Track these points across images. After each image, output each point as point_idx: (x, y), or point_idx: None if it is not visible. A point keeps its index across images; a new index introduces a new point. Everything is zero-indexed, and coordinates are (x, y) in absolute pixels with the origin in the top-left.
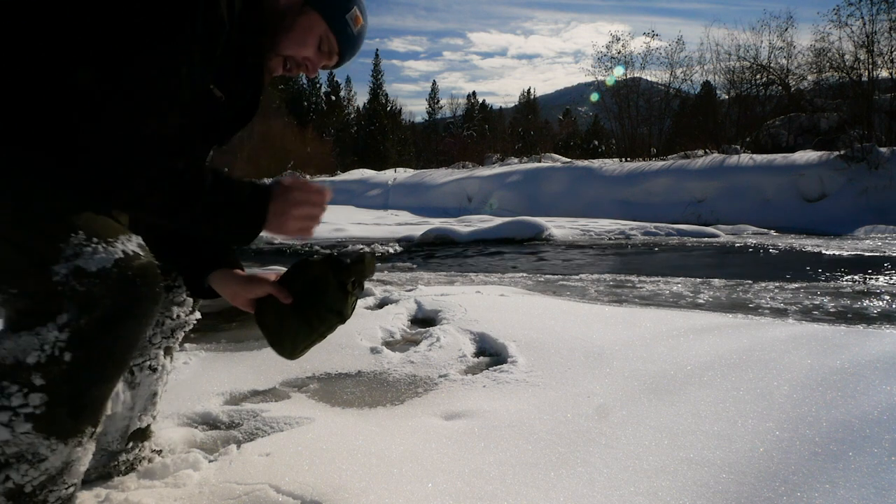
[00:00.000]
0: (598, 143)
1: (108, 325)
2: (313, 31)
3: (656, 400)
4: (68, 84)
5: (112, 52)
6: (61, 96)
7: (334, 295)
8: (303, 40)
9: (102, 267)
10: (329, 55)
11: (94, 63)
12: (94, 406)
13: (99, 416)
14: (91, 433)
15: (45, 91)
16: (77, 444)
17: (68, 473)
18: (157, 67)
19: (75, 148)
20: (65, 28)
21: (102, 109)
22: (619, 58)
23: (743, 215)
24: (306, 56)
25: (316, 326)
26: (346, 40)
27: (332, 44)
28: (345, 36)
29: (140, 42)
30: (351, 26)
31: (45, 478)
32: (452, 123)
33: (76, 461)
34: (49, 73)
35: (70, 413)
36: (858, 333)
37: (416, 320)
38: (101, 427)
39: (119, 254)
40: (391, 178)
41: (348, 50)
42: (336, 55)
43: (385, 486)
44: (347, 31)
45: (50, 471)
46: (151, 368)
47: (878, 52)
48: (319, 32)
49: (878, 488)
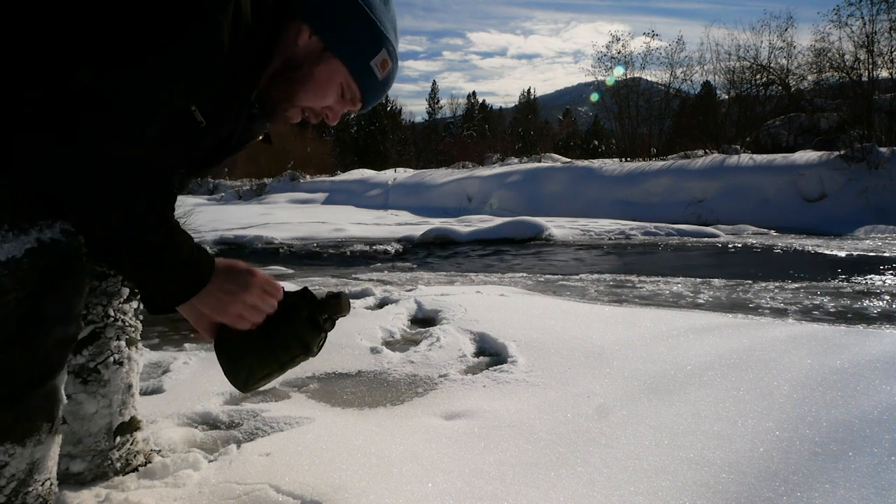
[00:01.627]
0: (598, 143)
1: (22, 320)
2: (333, 80)
3: (656, 400)
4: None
5: (95, 58)
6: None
7: (304, 326)
8: (322, 92)
9: (12, 256)
10: (352, 103)
11: (91, 63)
12: (39, 402)
13: (51, 409)
14: (49, 428)
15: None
16: (37, 443)
17: (38, 471)
18: (139, 79)
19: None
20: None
21: (75, 117)
22: (619, 58)
23: (743, 215)
24: (326, 105)
25: (279, 356)
26: (371, 88)
27: (354, 92)
28: (369, 84)
29: (127, 50)
30: (377, 73)
31: (15, 483)
32: (452, 123)
33: (41, 458)
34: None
35: (15, 416)
36: (858, 333)
37: (416, 320)
38: (59, 420)
39: (32, 242)
40: (391, 178)
41: (373, 98)
42: (360, 102)
43: (385, 486)
44: (372, 79)
45: (18, 475)
46: (117, 363)
47: (878, 52)
48: (340, 81)
49: (878, 488)
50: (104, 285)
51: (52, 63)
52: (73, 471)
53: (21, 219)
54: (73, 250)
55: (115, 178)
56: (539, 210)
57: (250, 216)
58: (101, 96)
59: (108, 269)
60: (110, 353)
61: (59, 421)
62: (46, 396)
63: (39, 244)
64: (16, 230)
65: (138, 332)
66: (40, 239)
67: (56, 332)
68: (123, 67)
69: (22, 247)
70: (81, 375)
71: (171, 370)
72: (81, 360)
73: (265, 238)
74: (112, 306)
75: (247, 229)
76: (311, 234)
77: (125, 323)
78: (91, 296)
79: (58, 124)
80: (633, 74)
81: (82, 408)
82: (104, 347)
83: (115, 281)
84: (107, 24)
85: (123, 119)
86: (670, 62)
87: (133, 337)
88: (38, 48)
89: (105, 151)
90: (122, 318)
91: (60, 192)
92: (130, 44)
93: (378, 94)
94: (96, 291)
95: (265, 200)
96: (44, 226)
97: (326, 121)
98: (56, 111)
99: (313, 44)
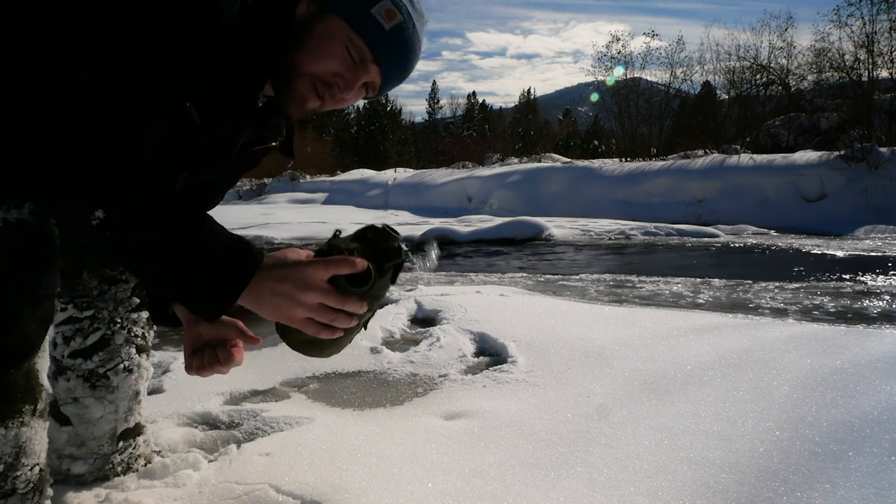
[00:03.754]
0: (598, 143)
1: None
2: (335, 37)
3: (656, 400)
4: (57, 82)
5: (95, 57)
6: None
7: (382, 283)
8: (323, 51)
9: None
10: (362, 64)
11: (93, 63)
12: (18, 382)
13: (33, 392)
14: (32, 410)
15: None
16: (21, 425)
17: (25, 455)
18: (140, 78)
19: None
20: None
21: (77, 116)
22: (618, 58)
23: (743, 215)
24: (334, 71)
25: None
26: (378, 39)
27: (360, 48)
28: (374, 35)
29: (129, 49)
30: (381, 21)
31: (2, 467)
32: (452, 123)
33: (27, 441)
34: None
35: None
36: (858, 333)
37: (416, 320)
38: (44, 404)
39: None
40: (391, 178)
41: (385, 53)
42: (371, 63)
43: (385, 486)
44: (377, 29)
45: (4, 458)
46: (127, 370)
47: (878, 52)
48: (342, 39)
49: (878, 488)
50: (113, 290)
51: (52, 62)
52: (75, 472)
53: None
54: (41, 231)
55: (119, 178)
56: (539, 210)
57: (250, 216)
58: (102, 96)
59: (119, 274)
60: (121, 359)
61: (42, 405)
62: (26, 377)
63: (4, 223)
64: None
65: (149, 341)
66: (6, 219)
67: (27, 312)
68: (124, 67)
69: None
70: (90, 380)
71: (171, 370)
72: (91, 366)
73: (265, 238)
74: (119, 313)
75: (247, 229)
76: (312, 235)
77: (135, 331)
78: (99, 301)
79: (60, 124)
80: (633, 74)
81: (88, 411)
82: (115, 354)
83: (125, 287)
84: (107, 24)
85: (124, 119)
86: (670, 62)
87: (144, 345)
88: (39, 47)
89: (108, 150)
90: (132, 327)
91: (66, 195)
92: (132, 43)
93: (390, 49)
94: (104, 297)
95: (265, 200)
96: (11, 206)
97: (340, 93)
98: (57, 110)
99: (312, 9)
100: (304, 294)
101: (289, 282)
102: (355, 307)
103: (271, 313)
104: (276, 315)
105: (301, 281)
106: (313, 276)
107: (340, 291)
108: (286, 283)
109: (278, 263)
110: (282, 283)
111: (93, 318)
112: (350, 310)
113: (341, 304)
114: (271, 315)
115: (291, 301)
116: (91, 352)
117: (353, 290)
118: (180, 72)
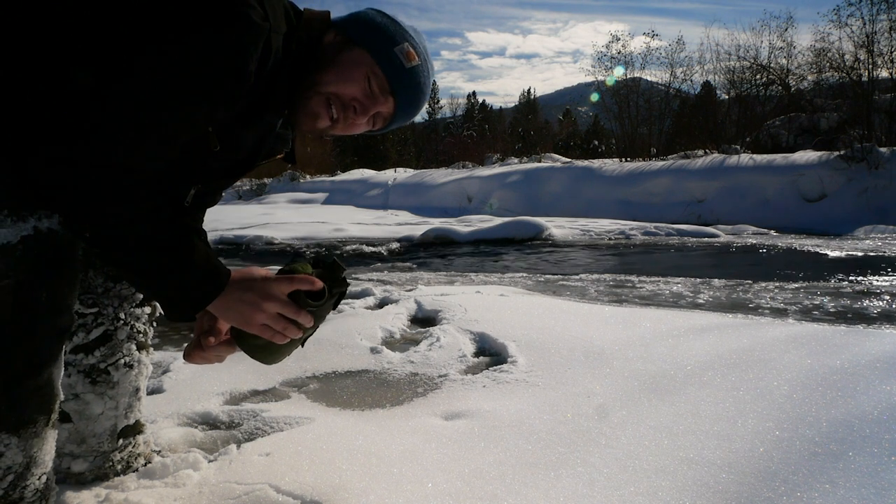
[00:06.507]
0: (598, 143)
1: (15, 306)
2: (358, 65)
3: (656, 400)
4: (65, 88)
5: (121, 76)
6: (54, 101)
7: (328, 305)
8: (346, 75)
9: (7, 242)
10: (381, 94)
11: (97, 71)
12: (34, 392)
13: (48, 403)
14: (46, 421)
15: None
16: (34, 435)
17: (35, 465)
18: (157, 99)
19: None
20: (67, 31)
21: (99, 125)
22: (618, 58)
23: (743, 215)
24: (353, 95)
25: (300, 340)
26: (398, 74)
27: (381, 80)
28: (395, 69)
29: (152, 71)
30: (402, 59)
31: (12, 476)
32: (452, 123)
33: (38, 451)
34: (45, 76)
35: (9, 404)
36: (858, 333)
37: (416, 320)
38: (56, 415)
39: (29, 230)
40: (391, 178)
41: (402, 88)
42: (389, 95)
43: (385, 486)
44: (398, 64)
45: (15, 468)
46: (127, 365)
47: (878, 52)
48: (365, 67)
49: (878, 488)
50: (118, 287)
51: (72, 75)
52: (74, 471)
53: (22, 207)
54: (69, 242)
55: (122, 185)
56: (539, 210)
57: (250, 216)
58: (119, 111)
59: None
60: (121, 355)
61: (55, 416)
62: (41, 388)
63: (36, 232)
64: (14, 217)
65: (149, 338)
66: (37, 227)
67: (48, 321)
68: (146, 87)
69: (18, 233)
70: (91, 375)
71: (171, 370)
72: (93, 361)
73: (265, 238)
74: (124, 309)
75: (247, 229)
76: (312, 235)
77: (138, 327)
78: (104, 297)
79: (75, 137)
80: (633, 74)
81: (89, 408)
82: (116, 349)
83: (129, 284)
84: (134, 43)
85: (140, 137)
86: (670, 62)
87: (144, 341)
88: (63, 57)
89: (116, 163)
90: (133, 323)
91: (72, 199)
92: (155, 64)
93: (407, 85)
94: (109, 294)
95: (265, 200)
96: (43, 215)
97: (353, 119)
98: (73, 125)
99: (338, 39)
100: (266, 303)
101: (255, 292)
102: (305, 320)
103: (235, 318)
104: (240, 320)
105: (265, 292)
106: (277, 289)
107: (298, 305)
108: (252, 292)
109: (246, 277)
110: (248, 292)
111: (97, 315)
112: (301, 321)
113: (295, 316)
114: (234, 319)
115: (255, 308)
116: (92, 347)
117: (309, 304)
118: (199, 99)
